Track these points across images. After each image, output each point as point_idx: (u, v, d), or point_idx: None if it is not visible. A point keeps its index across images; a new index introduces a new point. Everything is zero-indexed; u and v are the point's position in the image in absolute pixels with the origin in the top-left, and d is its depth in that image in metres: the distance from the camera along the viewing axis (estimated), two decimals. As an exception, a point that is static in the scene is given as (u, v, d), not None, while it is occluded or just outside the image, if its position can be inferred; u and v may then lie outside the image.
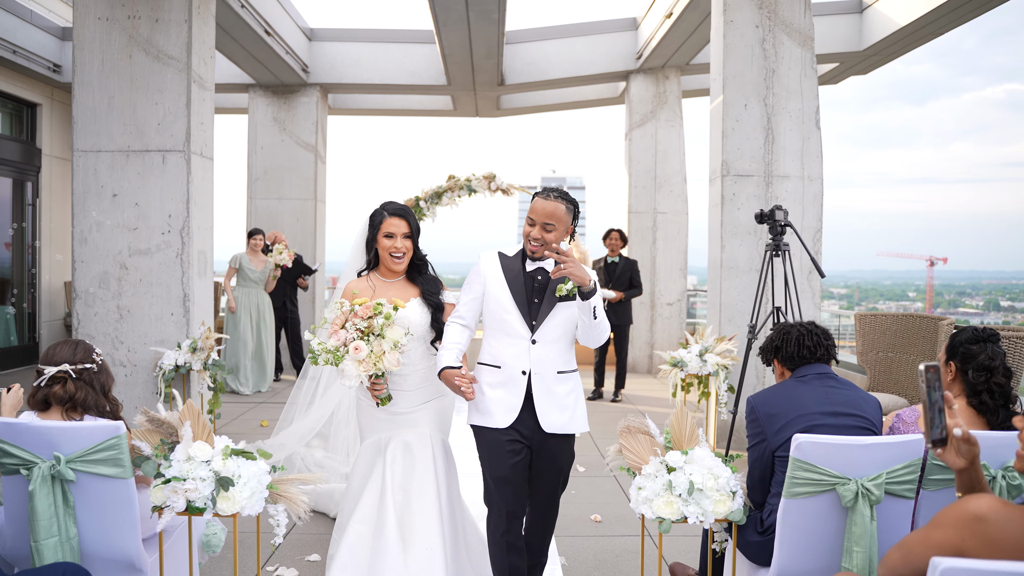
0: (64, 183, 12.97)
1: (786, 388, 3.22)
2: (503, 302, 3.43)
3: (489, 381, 3.47)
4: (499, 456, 3.41)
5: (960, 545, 1.89)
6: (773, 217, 5.66)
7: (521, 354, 3.40)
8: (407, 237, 3.66)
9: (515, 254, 3.52)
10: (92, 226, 7.09)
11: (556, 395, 3.42)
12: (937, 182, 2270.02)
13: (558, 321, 3.42)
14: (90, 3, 7.08)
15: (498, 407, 3.42)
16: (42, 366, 3.03)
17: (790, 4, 7.25)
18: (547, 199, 3.39)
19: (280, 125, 12.36)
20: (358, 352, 3.32)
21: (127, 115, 7.08)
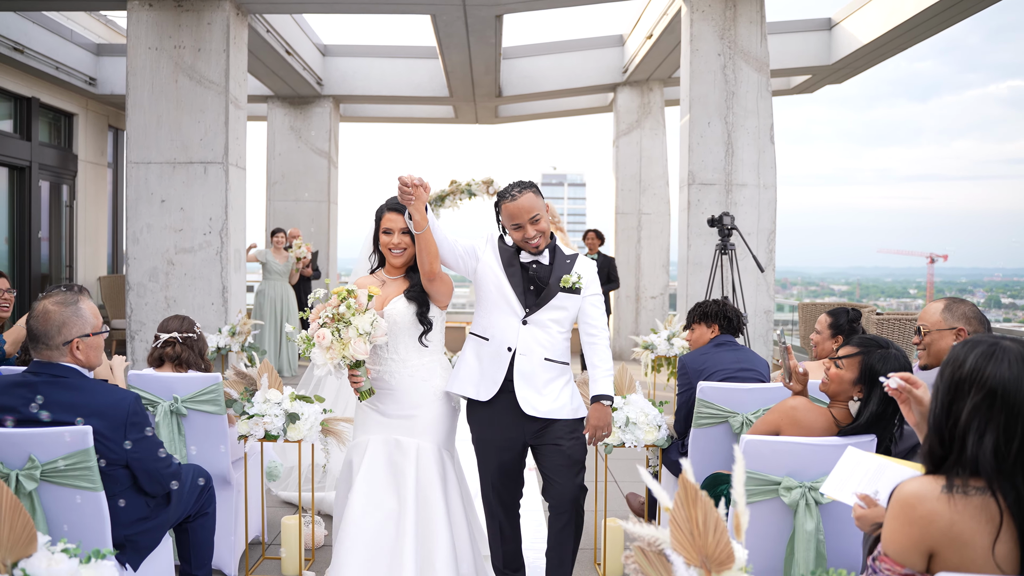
0: (98, 187, 14.11)
1: (708, 351, 4.38)
2: (500, 282, 3.42)
3: (477, 351, 3.48)
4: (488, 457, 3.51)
5: (778, 425, 3.04)
6: (721, 222, 6.79)
7: (509, 331, 3.39)
8: (405, 232, 3.50)
9: (512, 245, 3.49)
10: (143, 228, 8.23)
11: (538, 380, 3.39)
12: (940, 179, 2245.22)
13: (555, 309, 3.41)
14: (142, 35, 8.21)
15: (480, 378, 3.43)
16: (158, 333, 4.16)
17: (748, 35, 8.36)
18: (515, 198, 3.36)
19: (296, 133, 13.48)
20: (322, 340, 3.27)
21: (174, 132, 8.21)
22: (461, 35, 9.80)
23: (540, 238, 3.39)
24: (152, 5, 8.22)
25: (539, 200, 3.40)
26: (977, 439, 1.80)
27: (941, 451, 1.87)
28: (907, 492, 1.86)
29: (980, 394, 1.83)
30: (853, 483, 2.36)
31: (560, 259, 3.49)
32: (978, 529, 1.77)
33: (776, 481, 2.75)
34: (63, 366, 2.81)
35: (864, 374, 2.93)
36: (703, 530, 1.71)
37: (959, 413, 1.85)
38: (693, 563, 1.74)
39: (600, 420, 3.38)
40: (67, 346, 2.81)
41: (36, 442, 2.64)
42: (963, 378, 1.88)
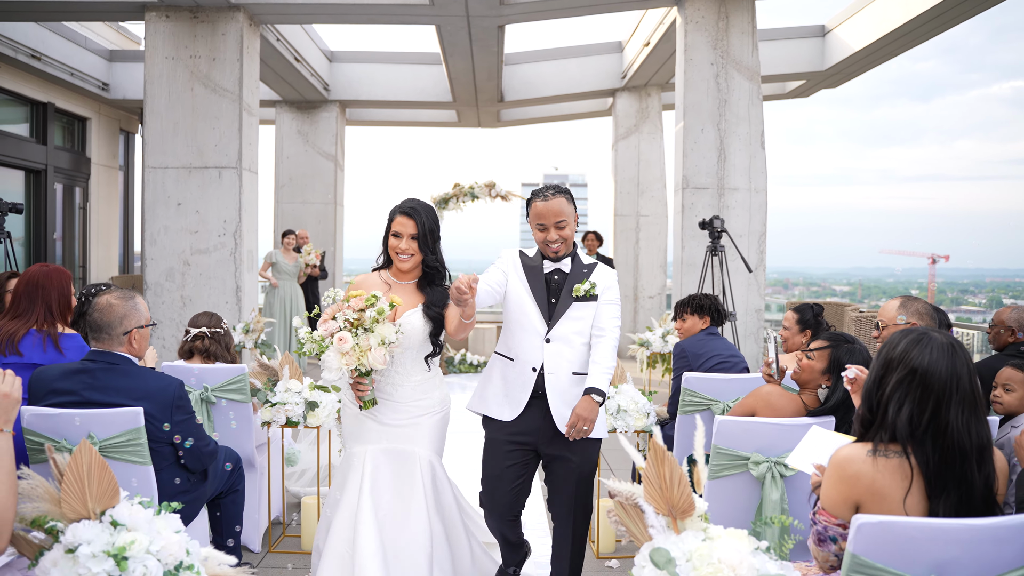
0: (110, 189, 14.49)
1: (702, 339, 4.79)
2: (523, 300, 3.42)
3: (501, 371, 3.48)
4: (495, 453, 3.45)
5: (754, 408, 3.41)
6: (712, 225, 7.15)
7: (534, 350, 3.39)
8: (414, 238, 3.43)
9: (534, 254, 3.51)
10: (160, 230, 8.59)
11: (572, 396, 3.38)
12: (941, 179, 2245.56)
13: (574, 321, 3.40)
14: (159, 45, 8.58)
15: (504, 399, 3.42)
16: (188, 328, 4.53)
17: (740, 45, 8.71)
18: (547, 199, 3.39)
19: (304, 137, 13.85)
20: (343, 343, 3.17)
21: (189, 138, 8.58)
22: (464, 44, 10.16)
23: (561, 245, 3.40)
24: (169, 16, 8.58)
25: (570, 208, 3.41)
26: (896, 409, 2.16)
27: (869, 417, 2.23)
28: (839, 456, 2.23)
29: (904, 371, 2.19)
30: (814, 456, 2.72)
31: (578, 268, 3.48)
32: (894, 485, 2.13)
33: (745, 456, 3.11)
34: (117, 355, 3.18)
35: (832, 365, 3.32)
36: (669, 484, 2.08)
37: (886, 386, 2.21)
38: (662, 511, 2.11)
39: (585, 412, 3.26)
40: (126, 336, 3.18)
41: (95, 421, 3.00)
42: (893, 358, 2.24)
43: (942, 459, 2.13)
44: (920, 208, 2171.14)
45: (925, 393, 2.14)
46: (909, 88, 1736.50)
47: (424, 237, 3.45)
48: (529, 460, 3.47)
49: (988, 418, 3.36)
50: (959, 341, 2.27)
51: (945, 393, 2.16)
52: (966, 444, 2.13)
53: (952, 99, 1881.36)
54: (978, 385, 2.18)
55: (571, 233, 3.43)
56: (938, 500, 2.12)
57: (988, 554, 1.90)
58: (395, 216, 3.48)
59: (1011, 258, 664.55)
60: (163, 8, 8.56)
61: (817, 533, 2.33)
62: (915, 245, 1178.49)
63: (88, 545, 2.03)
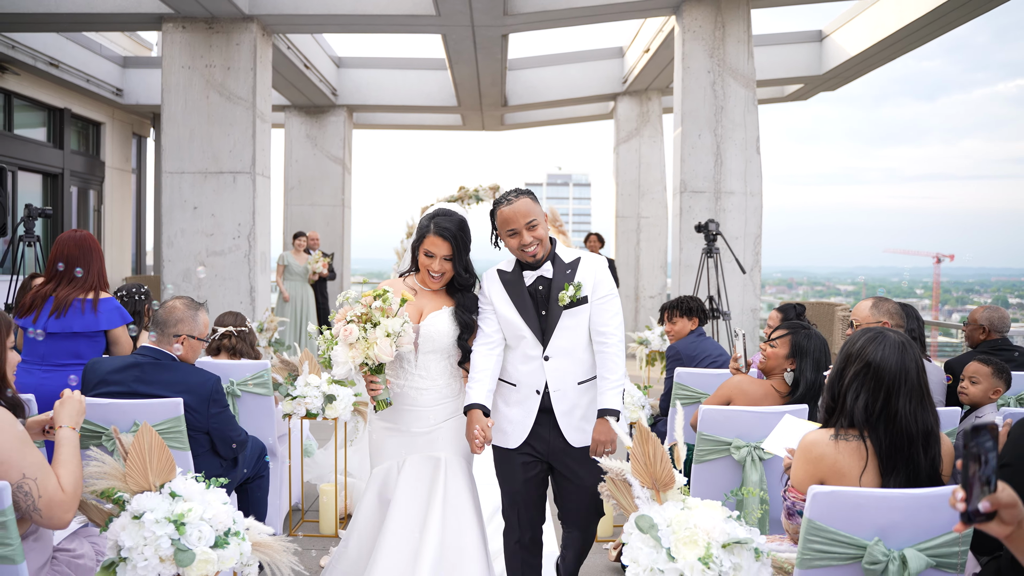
0: (123, 192, 14.84)
1: (694, 340, 5.12)
2: (513, 322, 3.26)
3: (505, 398, 3.35)
4: (511, 471, 3.34)
5: (729, 396, 3.74)
6: (707, 228, 7.47)
7: (535, 371, 3.26)
8: (448, 259, 3.32)
9: (512, 268, 3.33)
10: (177, 232, 8.93)
11: (580, 407, 3.28)
12: (947, 178, 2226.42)
13: (569, 329, 3.24)
14: (176, 55, 8.92)
15: (511, 427, 3.30)
16: (215, 327, 4.86)
17: (736, 54, 9.02)
18: (511, 203, 3.22)
19: (312, 141, 14.19)
20: (349, 335, 3.14)
21: (205, 144, 8.92)
22: (469, 52, 10.49)
23: (538, 246, 3.21)
24: (185, 27, 8.92)
25: (536, 207, 3.23)
26: (854, 398, 2.47)
27: (832, 404, 2.54)
28: (806, 440, 2.54)
29: (860, 365, 2.51)
30: (786, 441, 3.03)
31: (560, 270, 3.27)
32: (852, 464, 2.45)
33: (727, 442, 3.43)
34: (163, 352, 3.52)
35: (793, 349, 3.64)
36: (653, 460, 2.40)
37: (846, 377, 2.52)
38: (646, 485, 2.43)
39: (604, 436, 3.17)
40: (176, 338, 3.53)
41: (141, 411, 3.33)
42: (852, 352, 2.55)
43: (892, 442, 2.44)
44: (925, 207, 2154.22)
45: (878, 384, 2.45)
46: (914, 87, 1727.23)
47: (459, 258, 3.34)
48: (543, 473, 3.37)
49: (955, 408, 3.68)
50: (911, 340, 2.58)
51: (895, 385, 2.47)
52: (912, 429, 2.44)
53: (957, 98, 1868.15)
54: (925, 379, 2.49)
55: (545, 233, 3.25)
56: (889, 477, 2.44)
57: (924, 519, 2.22)
58: (429, 235, 3.31)
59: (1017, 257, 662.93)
60: (180, 19, 8.90)
61: (787, 508, 2.64)
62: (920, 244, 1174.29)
63: (152, 512, 2.36)
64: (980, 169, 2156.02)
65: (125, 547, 2.34)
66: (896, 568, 2.19)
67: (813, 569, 2.26)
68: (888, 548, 2.21)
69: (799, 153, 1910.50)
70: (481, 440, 3.16)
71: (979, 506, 1.68)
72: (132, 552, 2.33)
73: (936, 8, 9.56)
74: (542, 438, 3.28)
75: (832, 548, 2.23)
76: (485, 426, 3.18)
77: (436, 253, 3.32)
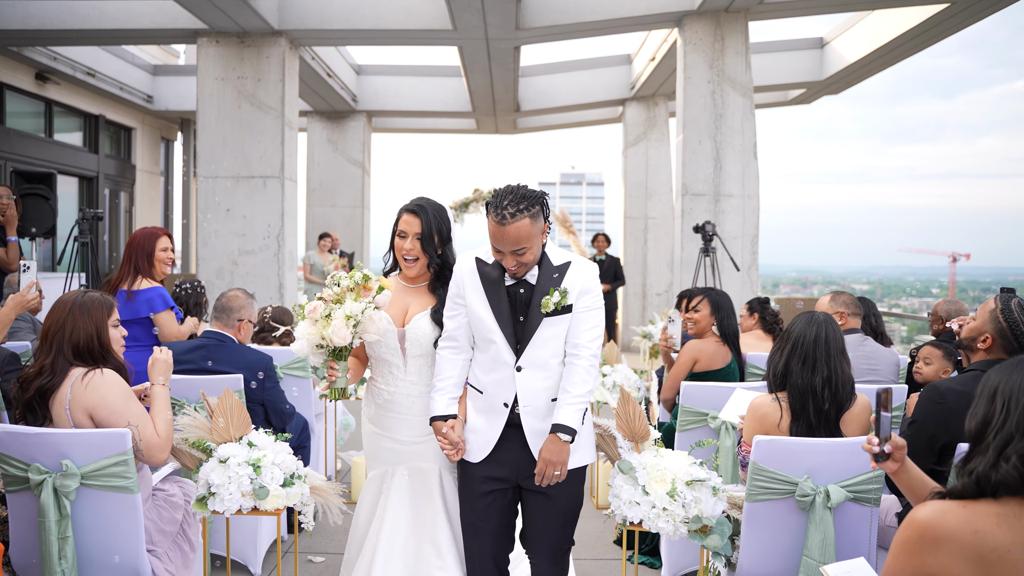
0: (153, 194, 15.54)
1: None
2: (484, 320, 2.91)
3: (474, 404, 3.00)
4: (470, 497, 2.98)
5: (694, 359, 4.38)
6: (704, 229, 8.05)
7: (504, 382, 2.90)
8: (418, 238, 3.09)
9: (494, 261, 2.93)
10: (211, 233, 9.58)
11: (545, 431, 2.87)
12: (964, 177, 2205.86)
13: (548, 340, 2.88)
14: (210, 67, 9.56)
15: (474, 436, 2.96)
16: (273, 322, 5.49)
17: (734, 64, 9.59)
18: (504, 222, 2.75)
19: (333, 145, 14.84)
20: (313, 312, 2.98)
21: (237, 150, 9.56)
22: (484, 62, 11.10)
23: (520, 268, 2.84)
24: (219, 41, 9.57)
25: (533, 228, 2.78)
26: (791, 369, 3.06)
27: (775, 375, 3.13)
28: (754, 403, 3.14)
29: (792, 342, 3.10)
30: (739, 409, 3.64)
31: (547, 273, 2.90)
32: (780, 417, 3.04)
33: (705, 413, 4.02)
34: (225, 335, 4.16)
35: (713, 306, 4.62)
36: (633, 417, 3.00)
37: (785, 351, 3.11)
38: (627, 437, 3.03)
39: (552, 455, 2.81)
40: (239, 323, 4.16)
41: (206, 385, 3.94)
42: (789, 331, 3.15)
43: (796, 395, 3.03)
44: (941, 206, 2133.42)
45: (805, 356, 3.04)
46: (932, 85, 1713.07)
47: (429, 237, 3.08)
48: (510, 501, 3.00)
49: (903, 386, 4.26)
50: (832, 320, 3.15)
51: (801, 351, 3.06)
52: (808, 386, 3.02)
53: (975, 95, 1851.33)
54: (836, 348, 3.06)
55: (533, 256, 2.84)
56: (796, 424, 3.02)
57: (843, 462, 2.81)
58: (402, 214, 3.14)
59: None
60: (213, 34, 9.54)
61: (741, 460, 3.24)
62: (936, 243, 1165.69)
63: (235, 457, 2.97)
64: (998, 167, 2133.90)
65: (214, 484, 2.96)
66: (821, 500, 2.79)
67: (758, 502, 2.86)
68: (815, 484, 2.81)
69: (814, 151, 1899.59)
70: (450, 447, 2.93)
71: (884, 448, 2.28)
72: (220, 488, 2.95)
73: (928, 19, 10.10)
74: (509, 457, 2.91)
75: (771, 485, 2.83)
76: (448, 435, 2.92)
77: (408, 231, 3.10)
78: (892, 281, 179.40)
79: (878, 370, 4.39)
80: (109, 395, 2.95)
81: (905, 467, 2.33)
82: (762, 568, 2.90)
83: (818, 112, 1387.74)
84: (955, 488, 1.84)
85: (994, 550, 1.73)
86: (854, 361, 3.60)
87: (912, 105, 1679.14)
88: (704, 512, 2.86)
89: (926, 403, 3.02)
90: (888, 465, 2.31)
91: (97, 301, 3.03)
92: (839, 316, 4.38)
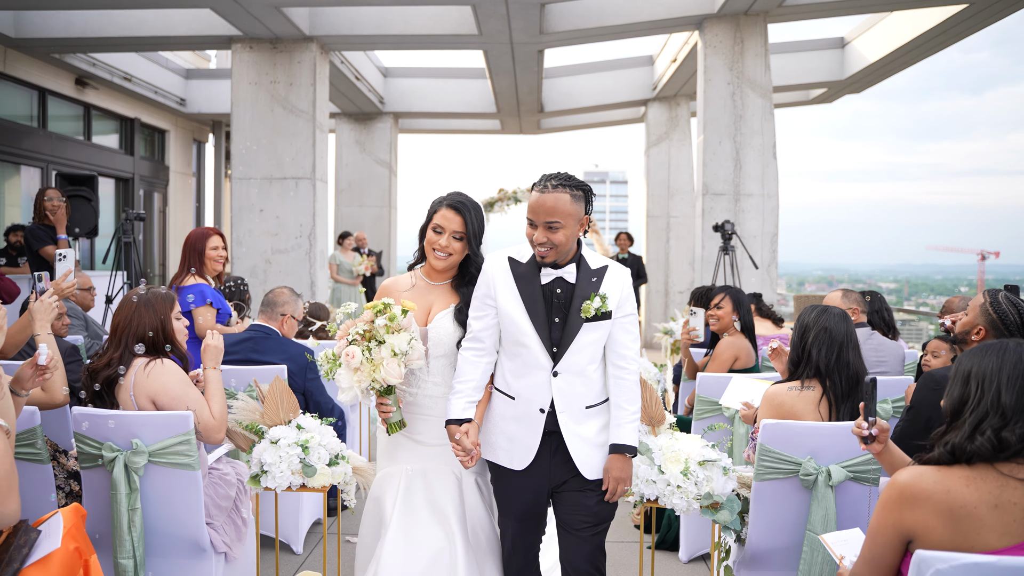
0: (185, 194, 15.96)
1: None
2: (519, 323, 2.83)
3: (502, 411, 2.92)
4: (513, 497, 2.96)
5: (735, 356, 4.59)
6: (724, 228, 8.27)
7: (539, 386, 2.84)
8: (459, 238, 3.00)
9: (528, 259, 2.88)
10: (245, 232, 9.92)
11: (588, 430, 2.87)
12: (993, 174, 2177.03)
13: (586, 346, 2.83)
14: (244, 73, 9.90)
15: (512, 444, 2.89)
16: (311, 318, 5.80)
17: (754, 66, 9.79)
18: (544, 191, 2.76)
19: (361, 146, 15.17)
20: (351, 359, 2.86)
21: (270, 153, 9.89)
22: (508, 65, 11.37)
23: (550, 251, 2.78)
24: (252, 48, 9.90)
25: (573, 207, 2.76)
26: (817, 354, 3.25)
27: (797, 360, 3.32)
28: (769, 392, 3.37)
29: (816, 331, 3.31)
30: (739, 396, 3.87)
31: (586, 276, 2.86)
32: (806, 409, 3.27)
33: (719, 403, 4.27)
34: (270, 328, 4.46)
35: (735, 302, 4.81)
36: (649, 403, 3.25)
37: (807, 340, 3.31)
38: (645, 421, 3.28)
39: (621, 473, 2.84)
40: (282, 317, 4.47)
41: (256, 374, 4.24)
42: (808, 322, 3.36)
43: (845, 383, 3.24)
44: (970, 203, 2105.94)
45: (831, 344, 3.25)
46: (960, 80, 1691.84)
47: (472, 237, 3.01)
48: (546, 500, 2.98)
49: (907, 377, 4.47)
50: (847, 314, 3.39)
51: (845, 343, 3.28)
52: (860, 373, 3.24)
53: (1005, 91, 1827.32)
54: (852, 341, 3.29)
55: (565, 238, 2.77)
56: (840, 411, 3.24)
57: (843, 444, 3.04)
58: (439, 208, 3.02)
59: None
60: (247, 40, 9.88)
61: (753, 446, 3.47)
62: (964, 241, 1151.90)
63: (284, 439, 3.26)
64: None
65: (266, 463, 3.25)
66: (823, 479, 3.03)
67: (765, 481, 3.10)
68: (818, 464, 3.05)
69: (841, 149, 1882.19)
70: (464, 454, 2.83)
71: (872, 431, 2.52)
72: (272, 467, 3.24)
73: (948, 19, 10.23)
74: (547, 464, 2.88)
75: (777, 465, 3.07)
76: (464, 441, 2.82)
77: (446, 228, 2.99)
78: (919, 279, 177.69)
79: (886, 361, 4.63)
80: (169, 383, 3.24)
81: (888, 448, 2.57)
82: (769, 542, 3.14)
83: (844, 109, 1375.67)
84: (931, 456, 2.11)
85: (962, 507, 2.02)
86: (863, 353, 3.83)
87: (940, 101, 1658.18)
88: (715, 490, 3.10)
89: (923, 390, 3.26)
90: (873, 447, 2.55)
91: (160, 296, 3.33)
92: (852, 312, 4.60)
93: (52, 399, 3.39)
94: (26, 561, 2.35)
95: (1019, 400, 2.05)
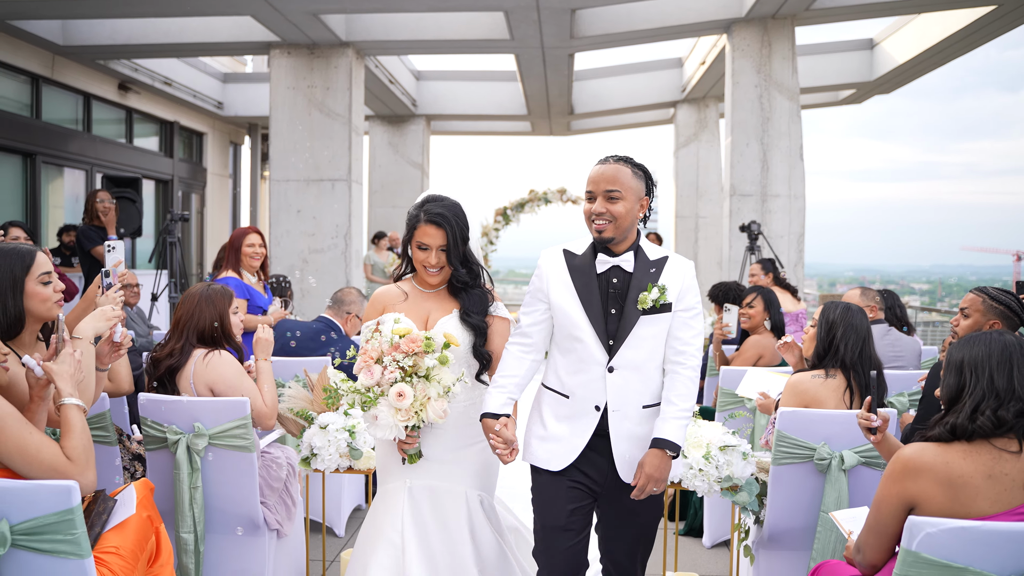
0: (222, 195, 16.35)
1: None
2: (572, 315, 2.72)
3: (554, 411, 2.80)
4: (555, 500, 2.76)
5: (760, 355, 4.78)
6: (750, 228, 8.44)
7: (594, 383, 2.71)
8: (443, 250, 2.91)
9: (584, 251, 2.78)
10: (283, 233, 10.23)
11: (641, 435, 2.73)
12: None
13: (644, 340, 2.70)
14: (282, 77, 10.21)
15: (555, 444, 2.76)
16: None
17: (781, 69, 9.93)
18: (606, 163, 2.72)
19: (394, 148, 15.46)
20: (402, 399, 2.71)
21: (307, 155, 10.19)
22: (539, 69, 11.59)
23: (608, 224, 2.67)
24: (290, 53, 10.21)
25: (633, 181, 2.69)
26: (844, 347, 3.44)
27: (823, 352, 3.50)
28: (792, 380, 3.56)
29: (844, 327, 3.49)
30: (756, 387, 4.08)
31: (643, 265, 2.75)
32: (830, 396, 3.45)
33: (741, 396, 4.46)
34: (335, 323, 4.79)
35: (766, 302, 5.03)
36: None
37: (834, 333, 3.49)
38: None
39: (656, 472, 2.65)
40: (348, 315, 4.79)
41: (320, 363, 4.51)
42: (835, 319, 3.54)
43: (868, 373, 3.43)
44: (1006, 203, 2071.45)
45: (857, 337, 3.43)
46: (997, 77, 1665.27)
47: (455, 247, 2.92)
48: (590, 505, 2.80)
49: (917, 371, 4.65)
50: (864, 310, 3.57)
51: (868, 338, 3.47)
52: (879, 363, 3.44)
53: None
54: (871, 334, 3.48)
55: (625, 211, 2.68)
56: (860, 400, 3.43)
57: (856, 431, 3.23)
58: (418, 224, 2.93)
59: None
60: (285, 46, 10.18)
61: (772, 432, 3.67)
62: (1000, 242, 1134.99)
63: (333, 424, 3.51)
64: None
65: (316, 446, 3.50)
66: (836, 463, 3.22)
67: (782, 465, 3.30)
68: (831, 450, 3.25)
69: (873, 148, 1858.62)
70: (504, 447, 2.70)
71: (878, 423, 2.73)
72: (321, 450, 3.49)
73: (975, 21, 10.31)
74: (596, 466, 2.75)
75: (794, 450, 3.27)
76: (502, 433, 2.69)
77: (431, 244, 2.90)
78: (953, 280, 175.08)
79: (903, 356, 4.81)
80: (225, 373, 3.51)
81: (886, 437, 2.80)
82: (786, 523, 3.34)
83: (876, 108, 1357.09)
84: (932, 435, 2.34)
85: (960, 476, 2.28)
86: (881, 349, 4.04)
87: (975, 99, 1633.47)
88: (735, 473, 3.31)
89: (935, 376, 3.44)
90: (875, 437, 2.77)
91: (219, 292, 3.59)
92: (870, 310, 4.78)
93: (119, 387, 3.67)
94: (106, 526, 2.60)
95: (1009, 382, 2.30)
